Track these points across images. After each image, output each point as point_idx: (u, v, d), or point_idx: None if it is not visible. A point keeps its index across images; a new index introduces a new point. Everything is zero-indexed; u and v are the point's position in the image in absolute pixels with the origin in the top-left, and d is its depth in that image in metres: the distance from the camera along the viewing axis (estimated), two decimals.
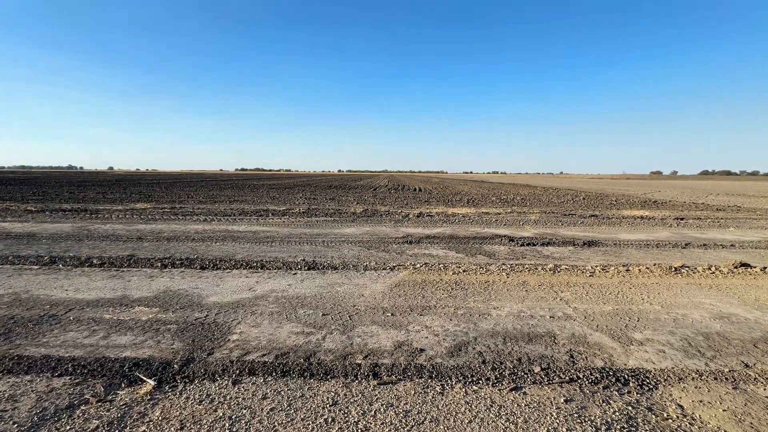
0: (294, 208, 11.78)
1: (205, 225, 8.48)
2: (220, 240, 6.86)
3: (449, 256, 5.86)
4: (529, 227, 8.89)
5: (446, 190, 25.50)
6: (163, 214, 9.95)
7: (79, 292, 3.85)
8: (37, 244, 6.24)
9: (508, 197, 18.34)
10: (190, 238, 7.01)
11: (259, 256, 5.70)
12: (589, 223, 9.58)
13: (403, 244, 6.72)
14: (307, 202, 14.24)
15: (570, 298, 3.87)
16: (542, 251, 6.35)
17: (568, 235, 7.86)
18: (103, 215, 9.67)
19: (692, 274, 4.89)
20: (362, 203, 14.17)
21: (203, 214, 10.06)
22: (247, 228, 8.18)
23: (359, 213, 10.87)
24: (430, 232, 7.96)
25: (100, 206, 11.86)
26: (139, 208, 11.56)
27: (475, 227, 8.73)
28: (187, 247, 6.27)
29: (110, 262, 5.11)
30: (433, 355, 2.60)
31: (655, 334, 3.01)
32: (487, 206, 13.59)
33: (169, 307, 3.46)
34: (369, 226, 8.75)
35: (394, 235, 7.55)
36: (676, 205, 14.82)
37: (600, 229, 8.72)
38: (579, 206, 14.04)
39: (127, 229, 7.90)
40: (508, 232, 8.10)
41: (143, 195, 17.02)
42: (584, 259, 5.85)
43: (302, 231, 7.94)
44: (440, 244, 6.82)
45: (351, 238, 7.23)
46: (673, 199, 18.59)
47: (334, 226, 8.67)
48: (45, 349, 2.60)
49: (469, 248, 6.48)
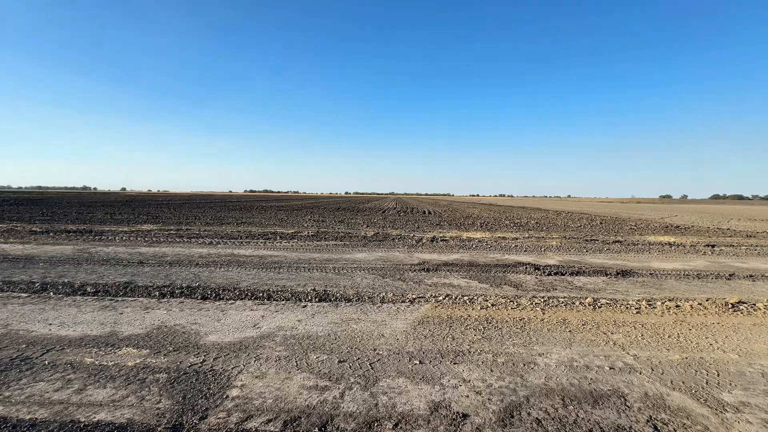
0: (302, 231, 11.39)
1: (210, 248, 8.11)
2: (225, 265, 6.45)
3: (472, 287, 5.34)
4: (552, 254, 8.34)
5: (456, 213, 25.02)
6: (168, 237, 9.63)
7: (63, 327, 3.42)
8: (32, 269, 5.89)
9: (521, 221, 17.79)
10: (194, 262, 6.62)
11: (265, 284, 5.25)
12: (616, 249, 8.99)
13: (419, 272, 6.23)
14: (315, 225, 13.87)
15: (624, 342, 3.33)
16: (573, 282, 5.80)
17: (597, 263, 7.29)
18: (107, 237, 9.37)
19: (754, 311, 4.30)
20: (372, 226, 13.75)
21: (209, 237, 9.72)
22: (253, 252, 7.78)
23: (370, 237, 10.43)
24: (447, 259, 7.46)
25: (105, 227, 11.62)
26: (145, 229, 11.28)
27: (495, 253, 8.21)
28: (190, 273, 5.86)
29: (105, 290, 4.71)
30: (481, 424, 2.08)
31: (748, 395, 2.45)
32: (503, 230, 13.06)
33: (161, 348, 3.00)
34: (381, 251, 8.29)
35: (409, 262, 7.07)
36: (701, 231, 14.12)
37: (628, 257, 8.13)
38: (599, 231, 13.44)
39: (129, 252, 7.55)
40: (531, 260, 7.56)
41: (151, 216, 16.86)
42: (622, 291, 5.29)
43: (311, 256, 7.51)
44: (460, 272, 6.31)
45: (363, 264, 6.77)
46: (694, 224, 17.85)
47: (344, 250, 8.23)
48: (2, 407, 2.14)
49: (493, 277, 5.96)
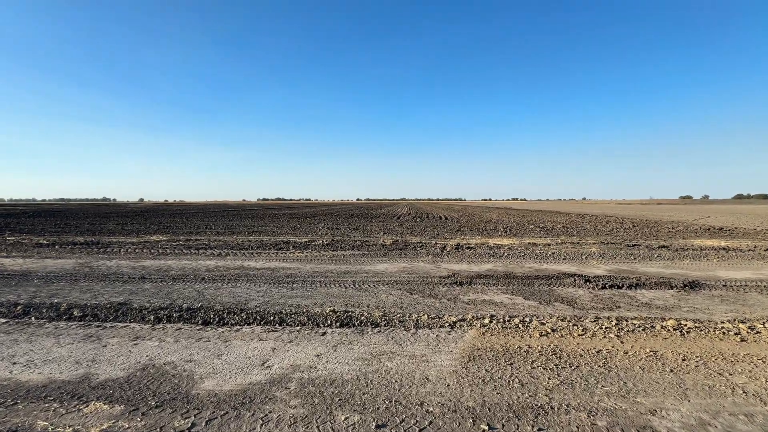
0: (316, 240, 10.73)
1: (218, 260, 7.49)
2: (233, 280, 5.80)
3: (518, 305, 4.52)
4: (596, 262, 7.41)
5: (474, 218, 24.06)
6: (175, 248, 9.08)
7: (29, 367, 2.77)
8: (24, 286, 5.34)
9: (546, 225, 16.75)
10: (200, 277, 5.99)
11: (277, 303, 4.56)
12: (667, 256, 7.99)
13: (452, 286, 5.43)
14: (330, 233, 13.21)
15: (756, 389, 2.47)
16: (636, 296, 4.91)
17: (653, 273, 6.36)
18: (113, 249, 8.89)
19: None
20: (389, 233, 13.00)
21: (218, 248, 9.13)
22: (264, 264, 7.13)
23: (389, 245, 9.68)
24: (479, 270, 6.65)
25: (113, 239, 11.20)
26: (154, 240, 10.81)
27: (531, 262, 7.35)
28: (194, 290, 5.22)
29: (94, 313, 4.08)
30: None
31: None
32: (530, 236, 12.12)
33: (141, 401, 2.30)
34: (404, 261, 7.52)
35: (437, 274, 6.29)
36: (750, 233, 12.86)
37: (685, 264, 7.14)
38: (636, 235, 12.35)
39: (133, 265, 6.99)
40: (574, 269, 6.67)
41: (162, 226, 16.52)
42: (702, 309, 4.38)
43: (328, 268, 6.80)
44: (498, 285, 5.49)
45: (386, 277, 6.02)
46: (737, 225, 16.48)
47: (363, 261, 7.49)
48: None
49: (538, 292, 5.12)
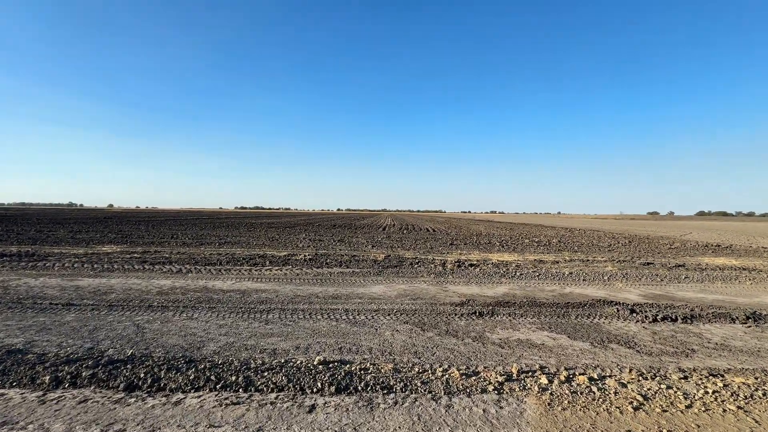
0: (297, 254, 9.40)
1: (176, 279, 6.09)
2: (190, 308, 4.47)
3: (566, 349, 3.45)
4: (621, 284, 6.51)
5: (462, 230, 23.24)
6: (126, 262, 7.55)
7: None
8: None
9: (540, 239, 16.04)
10: (146, 304, 4.62)
11: (245, 346, 3.30)
12: (694, 278, 7.17)
13: (471, 318, 4.32)
14: (312, 245, 11.88)
15: None
16: (701, 334, 3.96)
17: (694, 300, 5.48)
18: (48, 263, 7.27)
19: None
20: (379, 247, 11.81)
21: (180, 263, 7.66)
22: (233, 284, 5.79)
23: (381, 261, 8.50)
24: (494, 294, 5.57)
25: (56, 249, 9.48)
26: (104, 251, 9.19)
27: (549, 284, 6.35)
28: (132, 324, 3.87)
29: None
30: None
31: None
32: (531, 252, 11.25)
33: None
34: (403, 281, 6.36)
35: (447, 300, 5.16)
36: (750, 251, 12.51)
37: (718, 288, 6.35)
38: (641, 252, 11.72)
39: (63, 285, 5.51)
40: (603, 294, 5.72)
41: (121, 234, 14.68)
42: None
43: (312, 290, 5.55)
44: (527, 317, 4.42)
45: (386, 304, 4.84)
46: (731, 243, 16.33)
47: (354, 282, 6.28)
48: None
49: (580, 328, 4.08)
